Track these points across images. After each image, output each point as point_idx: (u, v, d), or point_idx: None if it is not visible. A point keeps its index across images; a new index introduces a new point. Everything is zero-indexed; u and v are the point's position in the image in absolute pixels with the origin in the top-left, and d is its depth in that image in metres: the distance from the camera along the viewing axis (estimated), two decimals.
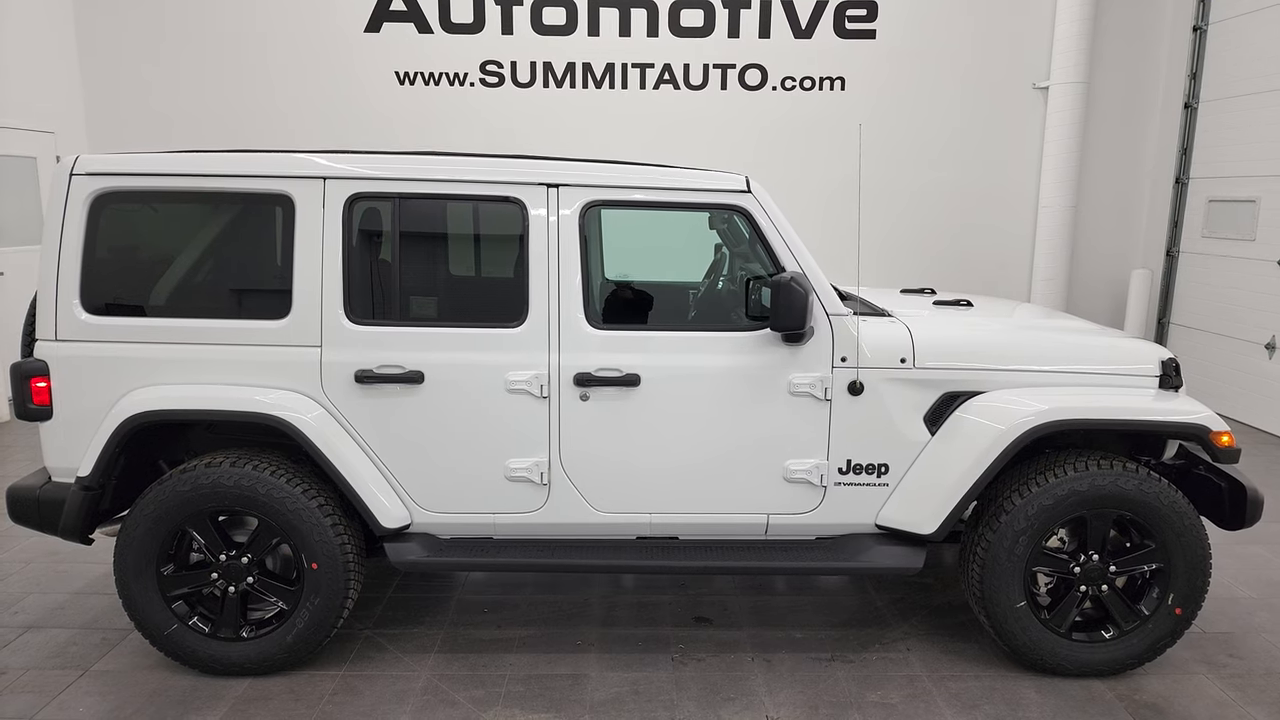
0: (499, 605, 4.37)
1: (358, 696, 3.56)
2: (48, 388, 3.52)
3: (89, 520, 3.59)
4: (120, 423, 3.45)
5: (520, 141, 8.51)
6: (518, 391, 3.58)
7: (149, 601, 3.55)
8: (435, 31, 8.85)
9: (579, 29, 8.84)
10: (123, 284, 3.61)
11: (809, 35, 8.90)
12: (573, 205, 3.60)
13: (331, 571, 3.54)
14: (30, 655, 3.85)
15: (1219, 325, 8.35)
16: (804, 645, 4.01)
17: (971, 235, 9.24)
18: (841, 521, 3.75)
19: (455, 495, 3.67)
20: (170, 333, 3.53)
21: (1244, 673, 3.83)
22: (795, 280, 3.40)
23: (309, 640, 3.61)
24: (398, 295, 3.65)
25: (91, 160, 3.52)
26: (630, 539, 3.80)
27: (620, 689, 3.64)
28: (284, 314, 3.54)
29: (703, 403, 3.62)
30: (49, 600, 4.37)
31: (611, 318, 3.86)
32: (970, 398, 3.65)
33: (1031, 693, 3.64)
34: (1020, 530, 3.55)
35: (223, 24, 8.83)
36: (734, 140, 9.03)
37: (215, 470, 3.48)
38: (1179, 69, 8.85)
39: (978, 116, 9.06)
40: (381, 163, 3.59)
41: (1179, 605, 3.63)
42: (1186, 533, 3.57)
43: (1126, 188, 9.27)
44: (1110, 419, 3.58)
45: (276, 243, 3.60)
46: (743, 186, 3.64)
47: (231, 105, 8.94)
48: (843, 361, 3.63)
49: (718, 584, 4.63)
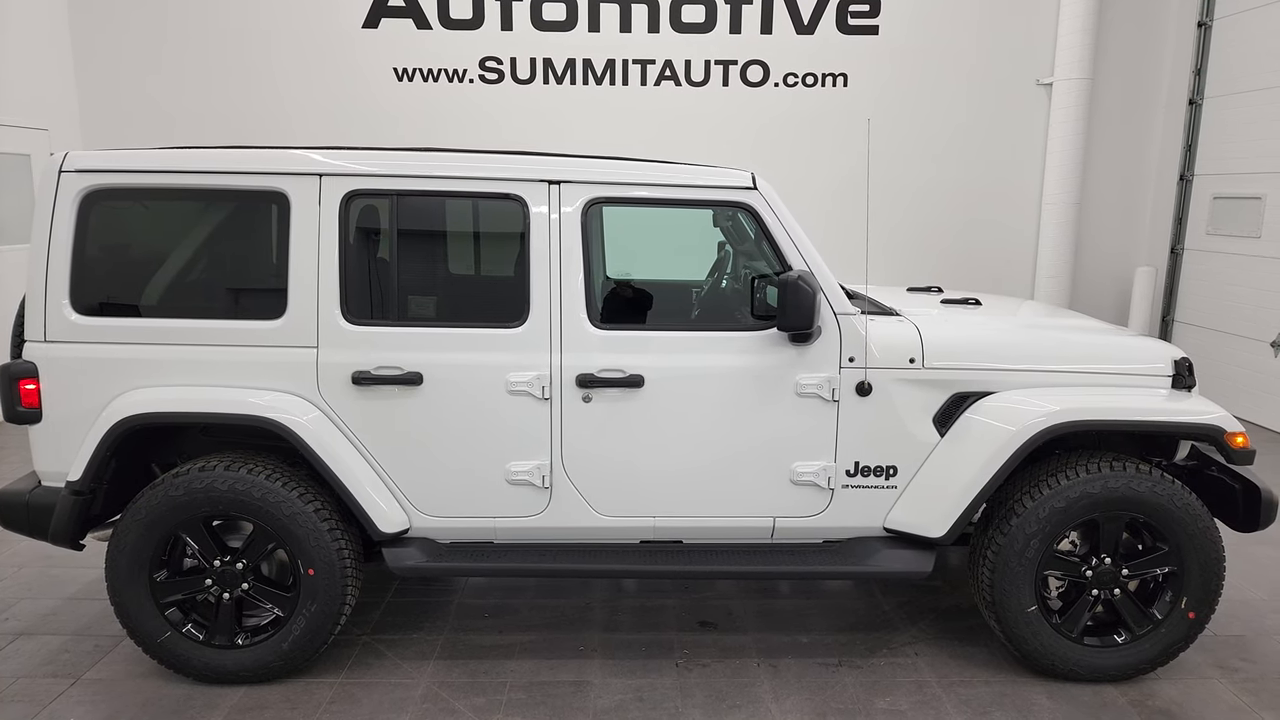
0: (500, 610, 4.30)
1: (356, 705, 3.49)
2: (37, 390, 3.45)
3: (80, 525, 3.52)
4: (111, 425, 3.37)
5: (520, 139, 8.42)
6: (519, 393, 3.50)
7: (141, 608, 3.48)
8: (434, 27, 8.77)
9: (579, 24, 8.76)
10: (114, 283, 3.54)
11: (811, 31, 8.83)
12: (575, 202, 3.52)
13: (328, 577, 3.47)
14: (21, 663, 3.78)
15: (1224, 323, 8.28)
16: (810, 650, 3.95)
17: (975, 232, 9.17)
18: (849, 524, 3.69)
19: (455, 499, 3.60)
20: (162, 333, 3.46)
21: (1257, 677, 3.77)
22: (803, 279, 3.33)
23: (305, 647, 3.54)
24: (396, 295, 3.59)
25: (81, 156, 3.44)
26: (634, 543, 3.74)
27: (624, 696, 3.57)
28: (279, 314, 3.46)
29: (708, 404, 3.55)
30: (41, 606, 4.29)
31: (614, 317, 3.78)
32: (980, 398, 3.59)
33: (1042, 698, 3.58)
34: (1031, 533, 3.49)
35: (220, 20, 8.75)
36: (735, 137, 8.95)
37: (209, 474, 3.41)
38: (1184, 65, 8.79)
39: (981, 113, 8.99)
40: (379, 159, 3.51)
41: (1192, 609, 3.57)
42: (1200, 535, 3.51)
43: (1131, 184, 9.20)
44: (1123, 420, 3.52)
45: (271, 241, 3.53)
46: (748, 183, 3.57)
47: (228, 102, 8.85)
48: (850, 362, 3.56)
49: (722, 588, 4.57)
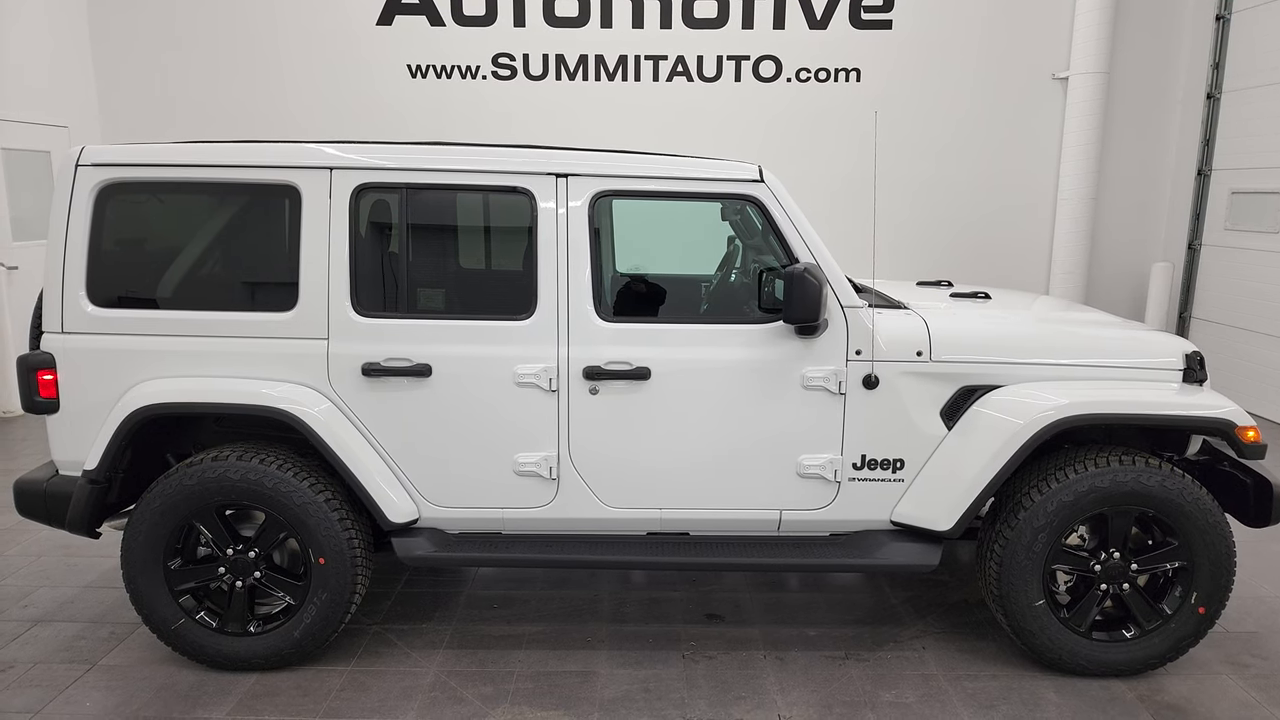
0: (508, 601, 4.33)
1: (365, 692, 3.53)
2: (54, 380, 3.51)
3: (96, 514, 3.58)
4: (126, 416, 3.43)
5: (532, 135, 8.45)
6: (526, 385, 3.53)
7: (156, 596, 3.53)
8: (447, 24, 8.81)
9: (591, 20, 8.78)
10: (129, 276, 3.59)
11: (824, 26, 8.81)
12: (582, 196, 3.54)
13: (339, 566, 3.51)
14: (38, 649, 3.84)
15: (1242, 319, 8.20)
16: (817, 643, 3.95)
17: (989, 227, 9.12)
18: (856, 518, 3.69)
19: (463, 490, 3.63)
20: (176, 325, 3.51)
21: (1268, 673, 3.74)
22: (809, 271, 3.33)
23: (316, 635, 3.58)
24: (405, 287, 3.62)
25: (97, 151, 3.49)
26: (640, 535, 3.76)
27: (630, 686, 3.59)
28: (290, 306, 3.50)
29: (714, 396, 3.56)
30: (59, 594, 4.36)
31: (622, 310, 3.80)
32: (988, 391, 3.58)
33: (1050, 693, 3.57)
34: (1039, 527, 3.48)
35: (235, 18, 8.83)
36: (747, 132, 8.94)
37: (221, 464, 3.45)
38: (1201, 59, 8.70)
39: (996, 107, 8.94)
40: (388, 153, 3.54)
41: (1202, 604, 3.55)
42: (1210, 530, 3.49)
43: (1147, 179, 9.13)
44: (1132, 414, 3.51)
45: (284, 234, 3.57)
46: (755, 176, 3.57)
47: (244, 99, 8.93)
48: (857, 355, 3.56)
49: (729, 580, 4.58)
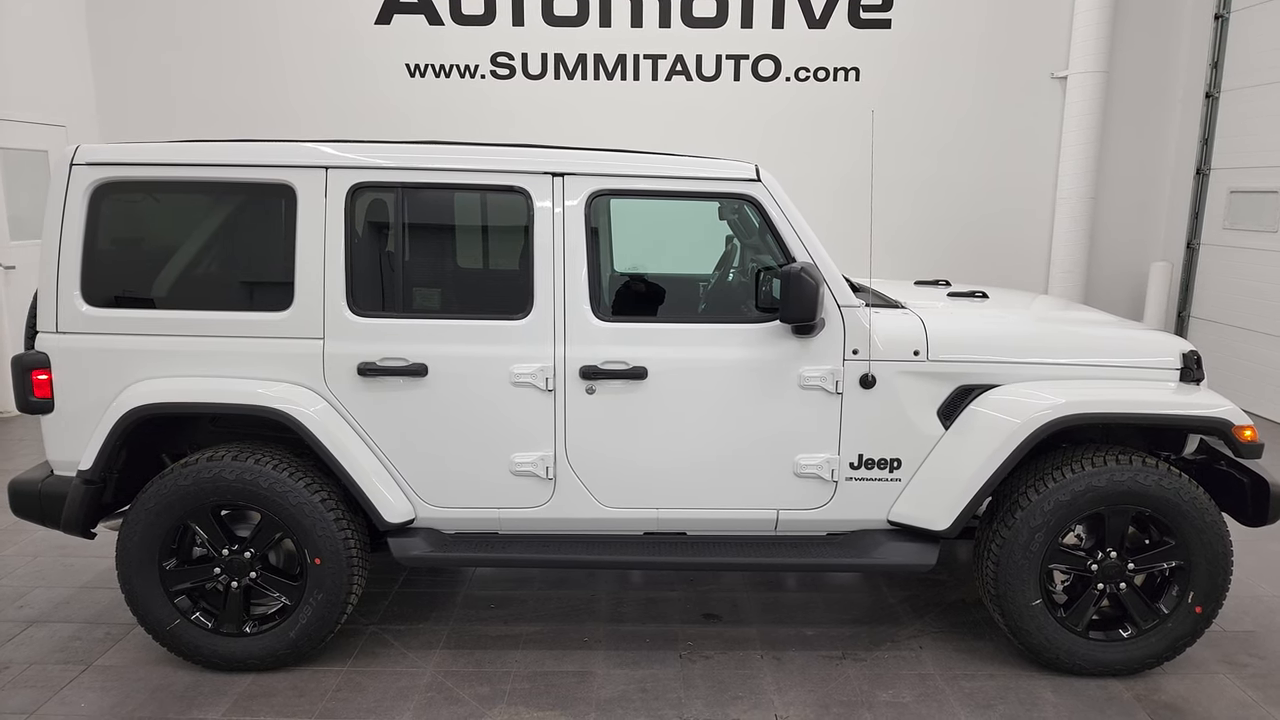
0: (505, 601, 4.33)
1: (361, 693, 3.52)
2: (49, 380, 3.50)
3: (91, 514, 3.57)
4: (121, 416, 3.42)
5: (531, 134, 8.44)
6: (523, 384, 3.52)
7: (151, 596, 3.53)
8: (446, 23, 8.81)
9: (590, 20, 8.78)
10: (124, 275, 3.58)
11: (823, 25, 8.80)
12: (578, 195, 3.53)
13: (335, 567, 3.50)
14: (34, 650, 3.83)
15: (1240, 319, 8.20)
16: (814, 643, 3.95)
17: (988, 227, 9.11)
18: (853, 517, 3.68)
19: (460, 489, 3.62)
20: (171, 325, 3.50)
21: (1266, 673, 3.74)
22: (806, 270, 3.33)
23: (312, 636, 3.57)
24: (401, 287, 3.62)
25: (92, 150, 3.48)
26: (637, 534, 3.75)
27: (627, 686, 3.59)
28: (286, 306, 3.49)
29: (711, 396, 3.56)
30: (54, 595, 4.35)
31: (619, 310, 3.80)
32: (985, 391, 3.57)
33: (1047, 692, 3.56)
34: (1036, 526, 3.48)
35: (234, 17, 8.82)
36: (746, 132, 8.94)
37: (217, 464, 3.45)
38: (1200, 58, 8.69)
39: (995, 107, 8.93)
40: (384, 152, 3.54)
41: (1199, 604, 3.55)
42: (1207, 529, 3.49)
43: (1146, 179, 9.12)
44: (1129, 413, 3.50)
45: (279, 233, 3.56)
46: (752, 175, 3.56)
47: (243, 99, 8.92)
48: (854, 354, 3.55)
49: (726, 580, 4.57)
